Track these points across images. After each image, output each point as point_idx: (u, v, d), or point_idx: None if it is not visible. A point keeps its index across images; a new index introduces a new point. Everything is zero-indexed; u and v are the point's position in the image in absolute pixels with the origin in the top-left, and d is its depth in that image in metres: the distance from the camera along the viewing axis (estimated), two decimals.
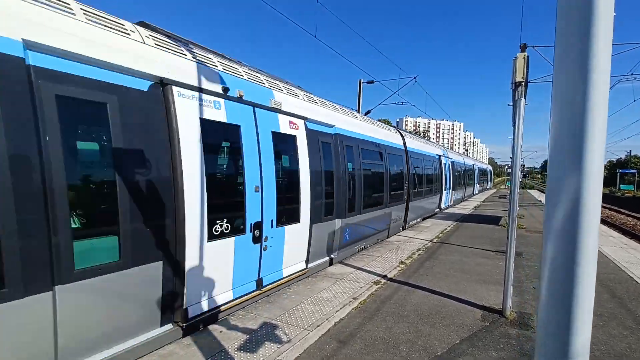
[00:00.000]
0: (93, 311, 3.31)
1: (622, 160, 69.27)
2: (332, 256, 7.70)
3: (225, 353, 3.79)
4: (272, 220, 5.47)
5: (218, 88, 4.68)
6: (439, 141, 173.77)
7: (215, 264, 4.52)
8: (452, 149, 37.43)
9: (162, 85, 3.97)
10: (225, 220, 4.66)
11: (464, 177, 25.75)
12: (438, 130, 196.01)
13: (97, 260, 3.32)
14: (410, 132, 20.28)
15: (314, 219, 6.56)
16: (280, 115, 5.83)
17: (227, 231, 4.69)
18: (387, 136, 11.18)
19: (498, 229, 12.98)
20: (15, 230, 2.74)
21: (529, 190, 48.28)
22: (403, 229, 12.71)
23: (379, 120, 12.30)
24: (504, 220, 14.57)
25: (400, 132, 13.33)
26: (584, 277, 1.13)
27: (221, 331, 4.26)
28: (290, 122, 6.05)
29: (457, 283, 6.46)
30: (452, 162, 21.54)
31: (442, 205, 19.00)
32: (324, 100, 7.95)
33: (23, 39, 2.86)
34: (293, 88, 6.86)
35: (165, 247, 3.92)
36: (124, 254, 3.50)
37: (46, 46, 3.01)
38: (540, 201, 27.31)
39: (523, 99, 5.10)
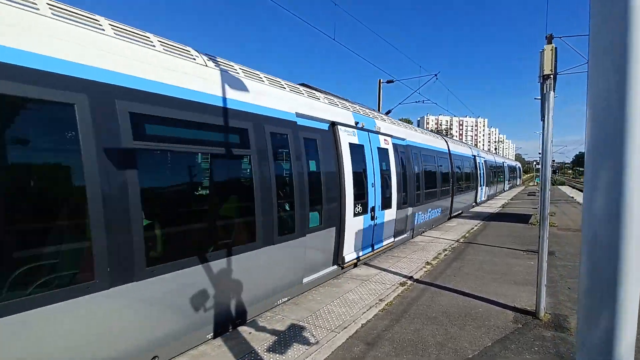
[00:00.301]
0: (315, 249, 6.17)
1: None
2: (406, 235, 10.34)
3: (255, 354, 3.85)
4: (379, 206, 8.09)
5: (353, 123, 7.51)
6: (462, 138, 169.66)
7: (355, 231, 7.20)
8: (477, 146, 37.69)
9: (332, 125, 6.78)
10: (360, 204, 7.29)
11: (495, 174, 28.46)
12: (461, 127, 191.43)
13: (314, 223, 6.13)
14: (432, 130, 21.45)
15: (398, 206, 9.17)
16: (380, 136, 8.52)
17: (360, 212, 7.31)
18: (437, 143, 13.96)
19: (528, 227, 12.53)
20: (273, 204, 5.12)
21: (559, 187, 46.34)
22: (449, 218, 15.08)
23: (399, 120, 12.28)
24: (534, 218, 14.05)
25: (445, 139, 16.23)
26: (628, 277, 1.08)
27: (250, 332, 4.34)
28: (384, 140, 8.72)
29: (486, 284, 6.29)
30: (485, 161, 23.80)
31: (478, 200, 21.23)
32: (399, 121, 11.50)
33: (296, 112, 5.88)
34: (382, 115, 10.35)
35: (336, 219, 6.67)
36: (322, 221, 6.29)
37: (300, 113, 5.97)
38: (572, 198, 26.14)
39: (552, 92, 4.92)
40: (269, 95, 5.40)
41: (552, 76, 4.96)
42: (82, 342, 3.06)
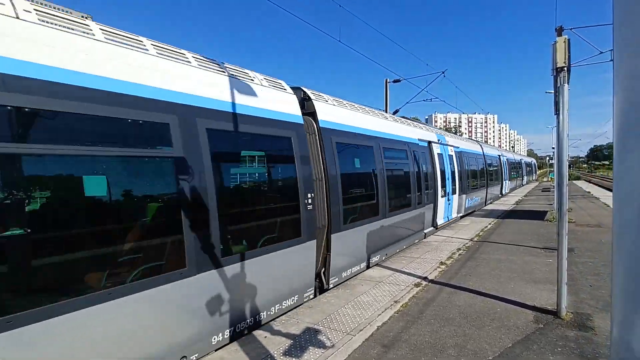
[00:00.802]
0: (426, 214, 10.55)
1: None
2: (460, 215, 14.40)
3: (272, 358, 3.82)
4: (452, 191, 12.80)
5: (436, 140, 11.97)
6: (471, 136, 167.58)
7: (442, 207, 11.90)
8: (487, 143, 39.60)
9: (429, 143, 11.13)
10: (443, 190, 11.84)
11: (515, 170, 33.70)
12: (470, 124, 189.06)
13: (426, 201, 10.44)
14: (441, 128, 23.12)
15: (459, 193, 13.75)
16: (448, 147, 13.15)
17: (442, 195, 11.79)
18: (475, 147, 18.54)
19: (544, 224, 12.27)
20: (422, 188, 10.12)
21: (575, 182, 45.34)
22: (484, 206, 19.03)
23: (409, 119, 12.31)
24: (550, 214, 13.75)
25: (480, 144, 20.85)
26: None
27: (265, 337, 4.32)
28: (450, 149, 13.35)
29: (503, 283, 6.16)
30: (507, 159, 28.49)
31: (503, 192, 25.52)
32: (451, 133, 17.19)
33: (419, 138, 10.67)
34: (445, 131, 15.97)
35: (432, 200, 10.88)
36: (428, 199, 10.66)
37: (422, 139, 10.93)
38: (589, 192, 25.54)
39: (566, 85, 4.80)
40: (415, 132, 10.53)
41: (565, 68, 4.84)
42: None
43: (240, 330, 4.42)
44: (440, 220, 11.78)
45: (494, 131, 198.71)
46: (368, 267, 7.41)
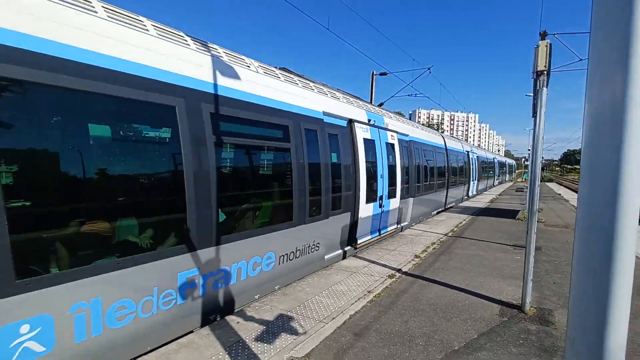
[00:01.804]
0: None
1: None
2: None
3: (243, 343, 3.84)
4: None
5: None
6: (452, 133, 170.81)
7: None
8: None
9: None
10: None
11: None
12: (452, 122, 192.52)
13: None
14: (424, 124, 22.67)
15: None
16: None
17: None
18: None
19: (515, 222, 12.72)
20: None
21: (547, 184, 47.15)
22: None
23: (392, 113, 12.30)
24: (522, 213, 14.26)
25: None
26: (621, 272, 1.07)
27: (238, 322, 4.32)
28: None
29: (473, 277, 6.38)
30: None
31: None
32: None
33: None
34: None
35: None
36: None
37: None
38: (560, 195, 26.62)
39: (545, 89, 4.93)
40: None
41: (545, 72, 4.96)
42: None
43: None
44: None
45: (474, 130, 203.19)
46: (344, 257, 7.49)
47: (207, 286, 4.26)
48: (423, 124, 22.49)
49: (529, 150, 25.20)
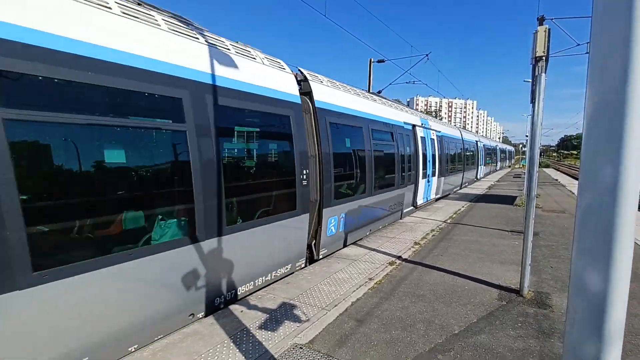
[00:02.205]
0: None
1: None
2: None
3: (247, 331, 3.91)
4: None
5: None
6: (451, 120, 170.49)
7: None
8: (465, 128, 40.92)
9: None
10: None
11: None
12: (450, 109, 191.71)
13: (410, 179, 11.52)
14: (422, 111, 24.17)
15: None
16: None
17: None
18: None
19: (513, 208, 12.82)
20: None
21: (544, 169, 47.32)
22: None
23: (392, 101, 12.34)
24: (520, 199, 14.36)
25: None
26: (620, 257, 1.10)
27: (242, 311, 4.39)
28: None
29: (472, 263, 6.46)
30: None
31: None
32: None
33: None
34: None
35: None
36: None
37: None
38: (557, 180, 26.75)
39: (544, 75, 4.92)
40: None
41: (544, 58, 4.94)
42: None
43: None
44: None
45: (472, 117, 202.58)
46: (345, 245, 7.59)
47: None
48: (421, 111, 23.12)
49: (527, 136, 25.36)
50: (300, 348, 3.63)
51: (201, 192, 4.06)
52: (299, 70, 6.59)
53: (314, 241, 6.60)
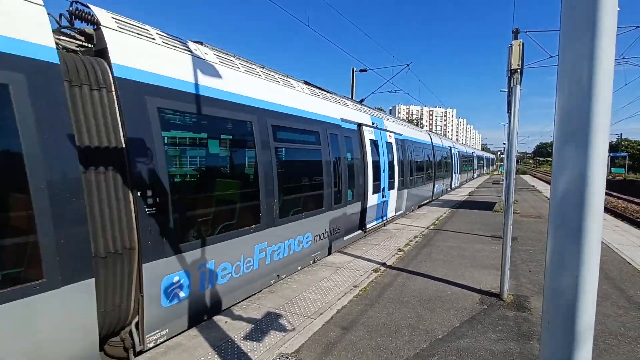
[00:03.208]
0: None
1: (613, 143, 70.00)
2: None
3: (231, 342, 3.86)
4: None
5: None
6: (431, 128, 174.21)
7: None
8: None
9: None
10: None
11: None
12: (431, 117, 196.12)
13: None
14: (404, 119, 23.84)
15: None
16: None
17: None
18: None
19: (493, 214, 13.17)
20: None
21: (521, 176, 48.83)
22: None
23: (372, 109, 12.51)
24: (499, 205, 14.77)
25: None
26: (588, 260, 1.18)
27: (226, 322, 4.33)
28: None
29: (455, 268, 6.60)
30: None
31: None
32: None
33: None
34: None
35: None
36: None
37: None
38: (533, 186, 27.65)
39: (519, 86, 5.14)
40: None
41: (519, 70, 5.17)
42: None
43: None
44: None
45: (452, 125, 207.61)
46: (329, 253, 7.59)
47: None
48: (403, 119, 23.00)
49: (504, 144, 26.15)
50: (287, 358, 3.61)
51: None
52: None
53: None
